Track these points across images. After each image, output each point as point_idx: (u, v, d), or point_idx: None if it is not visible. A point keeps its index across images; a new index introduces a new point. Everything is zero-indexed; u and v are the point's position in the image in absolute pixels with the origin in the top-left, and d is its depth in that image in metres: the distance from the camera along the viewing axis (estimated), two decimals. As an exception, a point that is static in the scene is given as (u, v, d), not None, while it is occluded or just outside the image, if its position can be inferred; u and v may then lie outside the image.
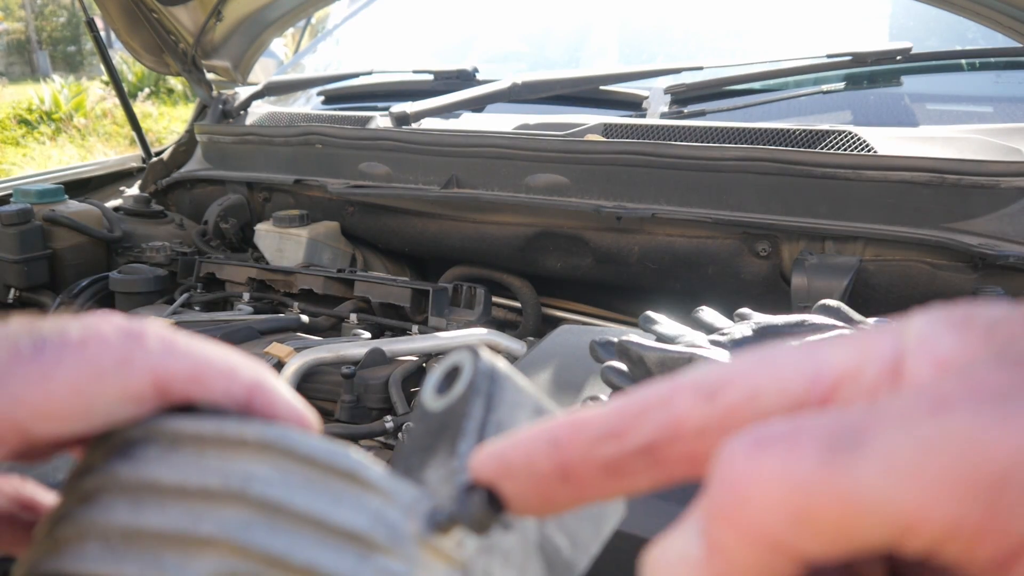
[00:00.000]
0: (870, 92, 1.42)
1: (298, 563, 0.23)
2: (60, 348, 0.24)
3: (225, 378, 0.26)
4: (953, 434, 0.15)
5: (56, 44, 10.93)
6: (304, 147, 1.59)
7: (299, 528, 0.23)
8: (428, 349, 1.15)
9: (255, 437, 0.24)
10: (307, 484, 0.24)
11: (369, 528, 0.24)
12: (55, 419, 0.24)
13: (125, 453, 0.25)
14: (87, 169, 1.94)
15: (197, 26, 1.73)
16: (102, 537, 0.23)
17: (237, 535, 0.23)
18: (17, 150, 6.60)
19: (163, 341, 0.26)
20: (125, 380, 0.25)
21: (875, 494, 0.15)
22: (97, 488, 0.24)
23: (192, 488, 0.23)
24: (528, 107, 1.57)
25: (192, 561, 0.22)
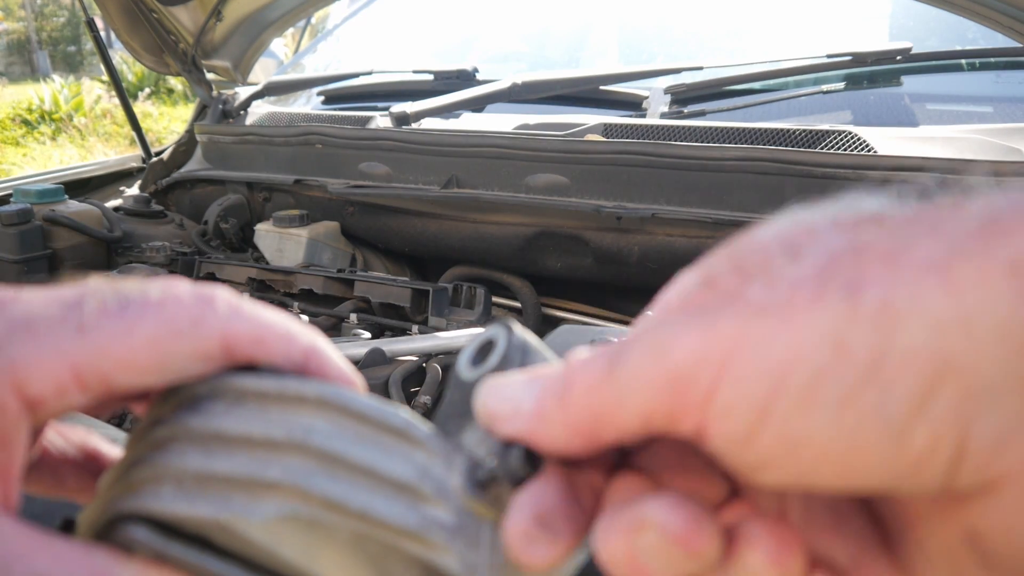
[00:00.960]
0: (870, 92, 1.42)
1: (354, 508, 0.25)
2: (142, 306, 0.26)
3: (284, 341, 0.29)
4: (659, 343, 0.21)
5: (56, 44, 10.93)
6: (304, 147, 1.59)
7: (355, 477, 0.25)
8: (428, 349, 1.15)
9: (314, 394, 0.27)
10: (361, 438, 0.26)
11: (418, 480, 0.26)
12: (135, 371, 0.26)
13: (194, 407, 0.27)
14: (87, 169, 1.94)
15: (197, 26, 1.73)
16: (176, 480, 0.25)
17: (300, 481, 0.25)
18: (17, 150, 6.60)
19: (231, 305, 0.28)
20: (197, 339, 0.27)
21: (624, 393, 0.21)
22: (169, 437, 0.27)
23: (257, 438, 0.26)
24: (528, 107, 1.57)
25: (259, 503, 0.25)
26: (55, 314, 0.26)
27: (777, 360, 0.19)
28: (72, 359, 0.25)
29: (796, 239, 0.21)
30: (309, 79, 1.98)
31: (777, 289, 0.20)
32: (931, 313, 0.18)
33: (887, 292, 0.18)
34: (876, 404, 0.18)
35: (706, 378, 0.19)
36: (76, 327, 0.25)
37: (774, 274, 0.20)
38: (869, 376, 0.18)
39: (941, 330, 0.17)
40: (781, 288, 0.19)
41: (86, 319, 0.26)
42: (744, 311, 0.20)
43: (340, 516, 0.25)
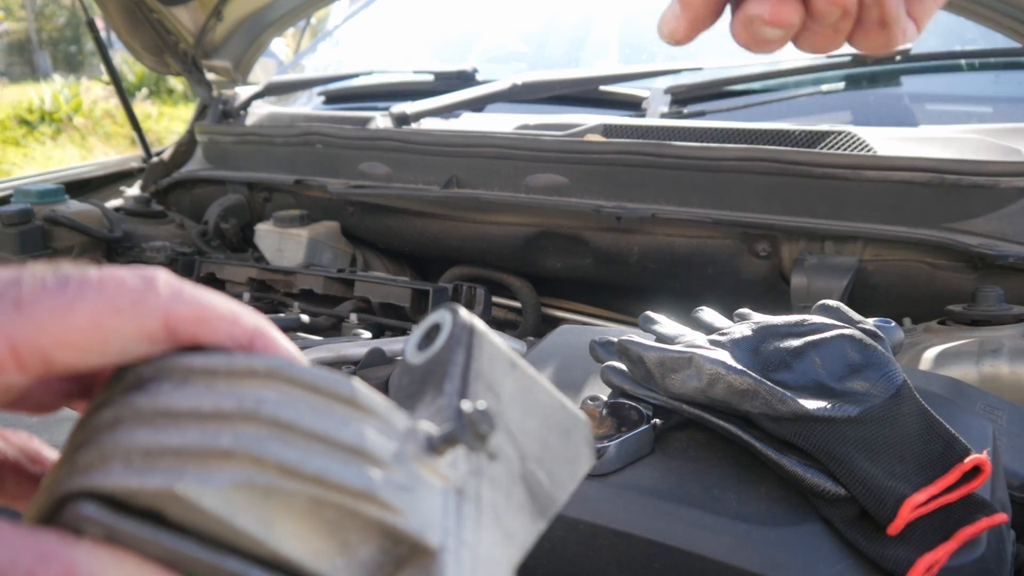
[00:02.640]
0: (870, 92, 1.42)
1: (310, 473, 0.24)
2: (82, 284, 0.26)
3: (228, 322, 0.28)
4: None
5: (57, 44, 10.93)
6: (304, 147, 1.59)
7: (309, 444, 0.25)
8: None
9: (264, 366, 0.26)
10: (313, 408, 0.26)
11: (372, 446, 0.26)
12: (75, 349, 0.26)
13: (140, 387, 0.27)
14: (88, 169, 1.94)
15: (197, 26, 1.73)
16: (125, 457, 0.25)
17: (253, 447, 0.24)
18: (18, 150, 6.60)
19: (172, 286, 0.28)
20: (138, 318, 0.26)
21: None
22: (115, 419, 0.26)
23: (207, 411, 0.25)
24: (528, 107, 1.57)
25: (212, 471, 0.24)
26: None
27: None
28: (8, 333, 0.24)
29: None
30: (309, 79, 1.98)
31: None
32: None
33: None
34: None
35: None
36: (13, 302, 0.25)
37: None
38: None
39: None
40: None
41: (24, 295, 0.25)
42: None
43: (296, 481, 0.24)
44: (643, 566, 0.55)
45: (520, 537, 0.29)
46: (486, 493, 0.28)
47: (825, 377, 0.61)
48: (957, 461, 0.55)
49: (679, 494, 0.57)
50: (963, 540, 0.53)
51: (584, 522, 0.57)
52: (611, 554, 0.56)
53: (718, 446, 0.62)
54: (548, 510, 0.31)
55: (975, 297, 1.03)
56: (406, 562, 0.26)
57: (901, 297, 1.14)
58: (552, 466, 0.31)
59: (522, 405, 0.31)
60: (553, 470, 0.31)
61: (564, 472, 0.32)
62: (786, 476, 0.57)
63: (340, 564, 0.25)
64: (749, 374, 0.59)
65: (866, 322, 0.72)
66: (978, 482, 0.55)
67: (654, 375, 0.65)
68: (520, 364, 0.32)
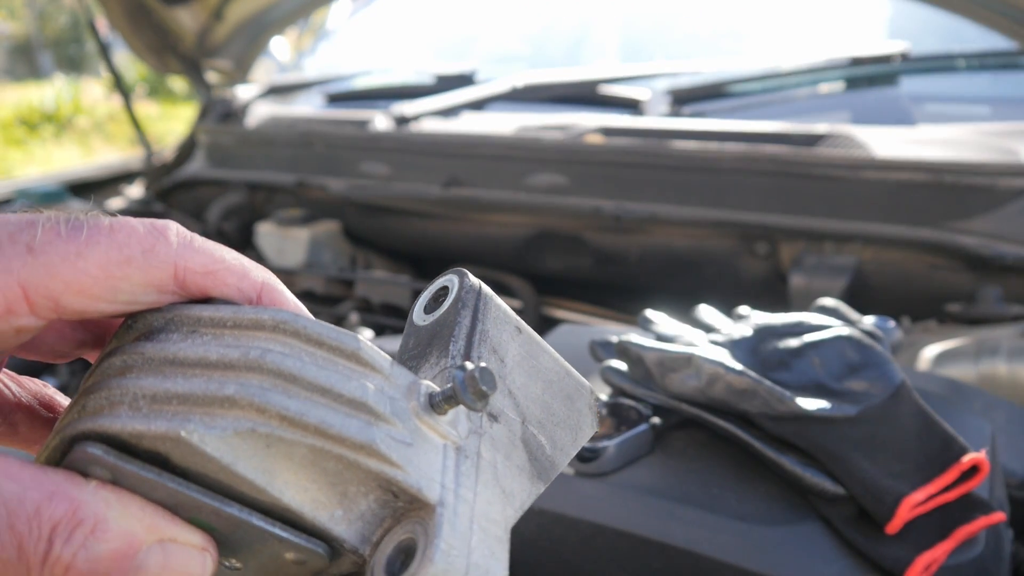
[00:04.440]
0: (868, 93, 1.42)
1: (312, 423, 0.25)
2: (94, 231, 0.26)
3: (237, 275, 0.29)
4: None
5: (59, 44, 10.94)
6: (305, 148, 1.59)
7: (311, 395, 0.25)
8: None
9: (271, 319, 0.27)
10: (317, 361, 0.26)
11: (375, 400, 0.26)
12: (85, 295, 0.26)
13: (150, 335, 0.27)
14: (89, 170, 1.95)
15: (198, 26, 1.74)
16: (132, 402, 0.25)
17: (256, 396, 0.25)
18: (20, 151, 6.61)
19: (183, 237, 0.28)
20: (149, 267, 0.27)
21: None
22: (124, 365, 0.27)
23: (213, 360, 0.26)
24: (528, 107, 1.57)
25: (216, 418, 0.25)
26: (5, 234, 0.25)
27: None
28: (20, 277, 0.25)
29: None
30: (310, 80, 1.98)
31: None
32: None
33: None
34: None
35: None
36: (25, 246, 0.25)
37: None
38: None
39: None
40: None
41: (37, 240, 0.25)
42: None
43: (298, 431, 0.25)
44: (643, 565, 0.55)
45: (518, 498, 0.29)
46: (486, 452, 0.29)
47: (824, 377, 0.61)
48: (955, 460, 0.56)
49: (679, 493, 0.58)
50: (961, 539, 0.53)
51: (584, 521, 0.57)
52: (611, 553, 0.57)
53: (718, 446, 0.63)
54: (548, 473, 0.31)
55: (973, 297, 1.03)
56: (404, 516, 0.26)
57: (900, 297, 1.15)
58: (554, 431, 0.32)
59: (526, 369, 0.32)
60: (555, 435, 0.32)
61: (566, 437, 0.32)
62: (785, 475, 0.57)
63: (339, 515, 0.26)
64: (748, 374, 0.59)
65: (865, 322, 0.72)
66: (976, 481, 0.55)
67: (653, 375, 0.65)
68: (526, 329, 0.32)
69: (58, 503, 0.23)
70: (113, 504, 0.24)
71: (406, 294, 1.29)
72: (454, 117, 1.59)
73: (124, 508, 0.24)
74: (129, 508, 0.24)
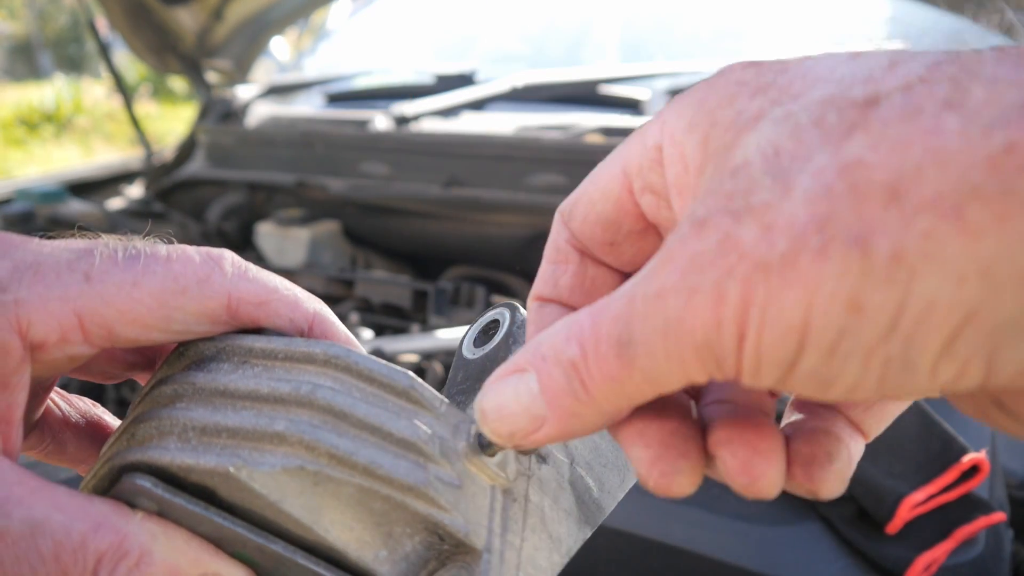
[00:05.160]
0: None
1: (361, 462, 0.25)
2: (151, 260, 0.26)
3: (289, 306, 0.29)
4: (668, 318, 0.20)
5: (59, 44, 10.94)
6: (305, 148, 1.59)
7: (361, 433, 0.25)
8: (428, 348, 1.15)
9: (322, 353, 0.26)
10: (367, 397, 0.26)
11: (424, 440, 0.26)
12: (138, 324, 0.26)
13: (201, 365, 0.27)
14: (89, 170, 1.95)
15: (199, 27, 1.74)
16: (181, 433, 0.25)
17: (306, 433, 0.24)
18: (20, 151, 6.61)
19: (238, 267, 0.28)
20: (202, 297, 0.27)
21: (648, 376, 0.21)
22: (174, 394, 0.26)
23: (264, 394, 0.26)
24: (528, 107, 1.57)
25: (265, 455, 0.24)
26: (63, 260, 0.25)
27: (792, 323, 0.18)
28: (76, 305, 0.25)
29: (780, 155, 0.19)
30: (310, 80, 1.98)
31: (775, 238, 0.18)
32: (948, 263, 0.16)
33: (897, 242, 0.17)
34: (900, 355, 0.17)
35: (727, 347, 0.19)
36: (83, 275, 0.25)
37: (765, 212, 0.18)
38: (889, 332, 0.17)
39: (960, 281, 0.16)
40: (779, 237, 0.18)
41: (94, 268, 0.25)
42: (746, 268, 0.18)
43: (346, 470, 0.25)
44: (642, 564, 0.55)
45: (565, 543, 0.28)
46: (534, 496, 0.28)
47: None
48: (955, 460, 0.56)
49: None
50: (961, 539, 0.53)
51: (584, 521, 0.57)
52: (611, 552, 0.57)
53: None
54: (595, 517, 0.30)
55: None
56: (449, 559, 0.26)
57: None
58: (602, 472, 0.31)
59: None
60: (602, 476, 0.31)
61: (614, 479, 0.32)
62: (785, 475, 0.57)
63: (383, 556, 0.26)
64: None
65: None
66: (976, 481, 0.55)
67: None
68: None
69: (104, 534, 0.23)
70: (159, 536, 0.24)
71: (406, 294, 1.29)
72: (454, 117, 1.59)
73: (169, 541, 0.24)
74: (174, 541, 0.24)
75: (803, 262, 0.18)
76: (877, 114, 0.18)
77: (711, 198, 0.20)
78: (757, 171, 0.19)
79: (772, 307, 0.18)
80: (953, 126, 0.17)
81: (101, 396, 1.21)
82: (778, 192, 0.18)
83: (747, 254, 0.18)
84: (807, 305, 0.18)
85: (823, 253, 0.17)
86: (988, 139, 0.16)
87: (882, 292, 0.17)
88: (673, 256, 0.20)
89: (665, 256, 0.20)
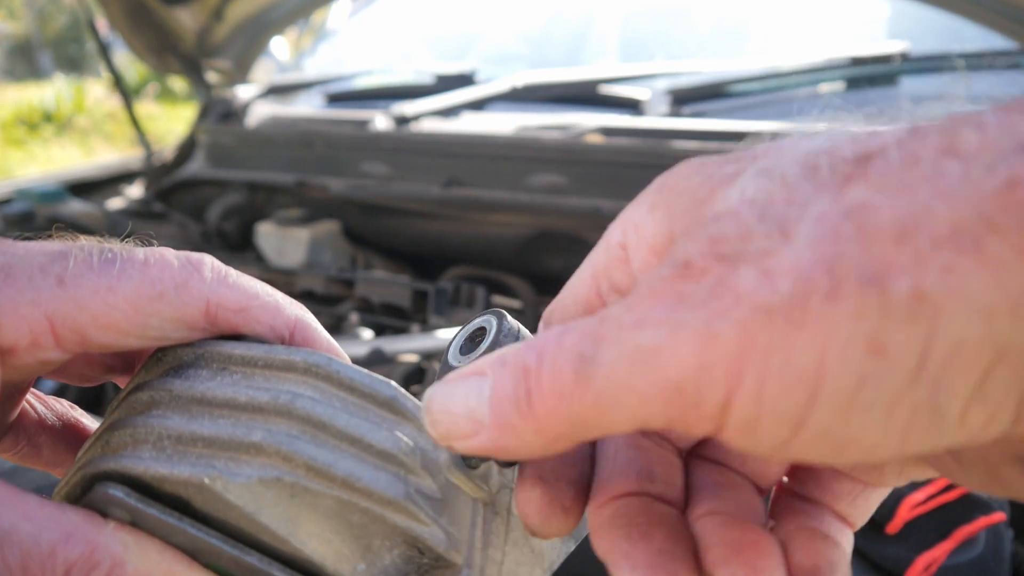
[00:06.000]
0: (868, 93, 1.42)
1: (339, 475, 0.24)
2: (127, 264, 0.26)
3: (270, 312, 0.28)
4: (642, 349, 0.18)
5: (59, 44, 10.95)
6: (305, 148, 1.59)
7: (341, 445, 0.25)
8: (428, 348, 1.15)
9: (303, 361, 0.26)
10: (349, 407, 0.25)
11: (405, 452, 0.25)
12: (113, 330, 0.25)
13: (178, 372, 0.26)
14: (89, 170, 1.95)
15: (199, 27, 1.74)
16: (156, 442, 0.25)
17: (284, 444, 0.24)
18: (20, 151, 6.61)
19: (217, 272, 0.27)
20: (180, 303, 0.26)
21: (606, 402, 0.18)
22: (150, 401, 0.26)
23: (242, 403, 0.25)
24: (528, 107, 1.57)
25: (241, 465, 0.24)
26: (36, 263, 0.25)
27: (803, 371, 0.16)
28: (48, 310, 0.24)
29: (773, 204, 0.18)
30: (310, 80, 1.98)
31: (778, 282, 0.17)
32: (973, 299, 0.15)
33: (917, 280, 0.16)
34: (927, 401, 0.16)
35: (714, 393, 0.17)
36: (56, 278, 0.25)
37: (764, 258, 0.17)
38: (916, 376, 0.16)
39: (989, 316, 0.15)
40: (782, 281, 0.17)
41: (68, 272, 0.25)
42: (743, 311, 0.17)
43: (324, 483, 0.24)
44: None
45: (548, 557, 0.28)
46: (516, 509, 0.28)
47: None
48: (955, 460, 0.55)
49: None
50: (961, 539, 0.53)
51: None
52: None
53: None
54: (579, 531, 0.29)
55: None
56: (429, 573, 0.26)
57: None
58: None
59: None
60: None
61: None
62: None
63: (361, 569, 0.25)
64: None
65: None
66: (976, 481, 0.55)
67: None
68: None
69: (74, 544, 0.23)
70: (131, 547, 0.24)
71: (406, 294, 1.29)
72: (454, 117, 1.59)
73: (142, 552, 0.24)
74: (147, 552, 0.24)
75: (813, 304, 0.16)
76: (874, 167, 0.17)
77: (691, 243, 0.19)
78: (748, 218, 0.18)
79: (777, 353, 0.16)
80: (955, 169, 0.16)
81: (100, 397, 1.21)
82: (776, 239, 0.17)
83: (745, 296, 0.17)
84: (821, 350, 0.16)
85: (835, 294, 0.16)
86: (994, 176, 0.16)
87: (905, 331, 0.16)
88: (656, 292, 0.18)
89: (646, 291, 0.19)
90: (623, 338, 0.18)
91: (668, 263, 0.19)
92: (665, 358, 0.17)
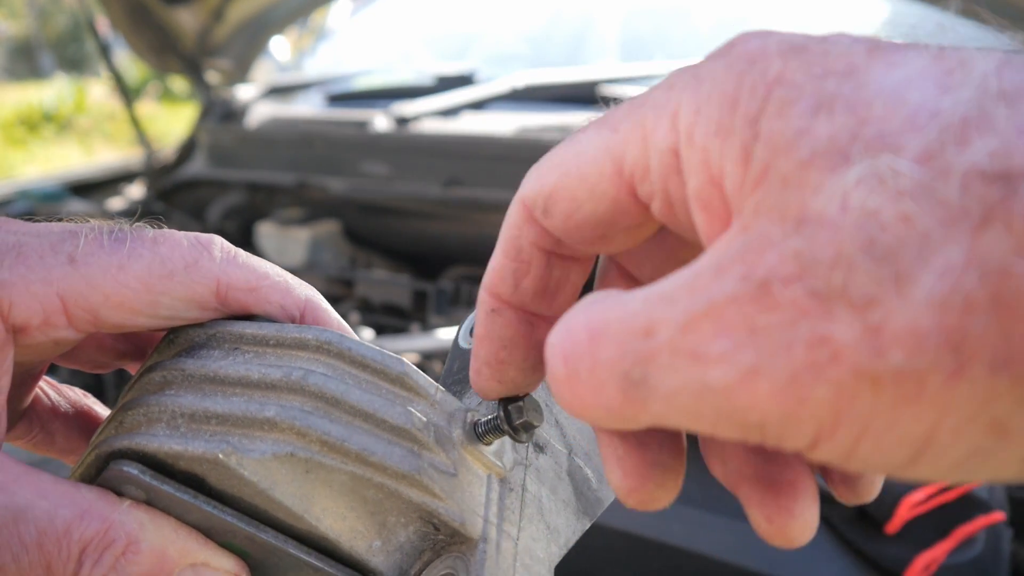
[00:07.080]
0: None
1: (353, 449, 0.24)
2: (138, 243, 0.26)
3: (280, 292, 0.28)
4: (715, 393, 0.16)
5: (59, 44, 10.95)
6: (305, 148, 1.59)
7: (354, 420, 0.25)
8: (428, 348, 1.15)
9: (314, 339, 0.26)
10: (361, 384, 0.25)
11: (418, 427, 0.25)
12: (124, 309, 0.25)
13: (191, 351, 0.27)
14: (90, 171, 1.95)
15: (199, 27, 1.74)
16: (171, 420, 0.25)
17: (297, 420, 0.24)
18: (20, 151, 6.61)
19: (227, 252, 0.27)
20: (190, 282, 0.26)
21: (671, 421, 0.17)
22: (164, 381, 0.26)
23: (254, 380, 0.25)
24: (528, 107, 1.57)
25: (255, 441, 0.24)
26: (47, 242, 0.25)
27: (908, 438, 0.15)
28: (60, 288, 0.24)
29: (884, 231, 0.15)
30: (310, 80, 1.98)
31: (888, 348, 0.14)
32: None
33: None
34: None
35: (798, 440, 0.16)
36: (67, 257, 0.25)
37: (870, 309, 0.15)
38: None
39: None
40: (894, 349, 0.14)
41: (79, 250, 0.25)
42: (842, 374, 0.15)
43: (338, 457, 0.24)
44: (642, 564, 0.55)
45: (564, 534, 0.28)
46: (531, 485, 0.28)
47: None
48: (954, 460, 0.56)
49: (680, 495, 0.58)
50: (960, 538, 0.53)
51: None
52: (610, 552, 0.57)
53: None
54: (594, 509, 0.30)
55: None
56: (444, 549, 0.26)
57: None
58: (600, 463, 0.31)
59: None
60: (601, 467, 0.30)
61: None
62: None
63: (377, 546, 0.25)
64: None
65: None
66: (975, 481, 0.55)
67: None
68: None
69: (89, 522, 0.23)
70: (146, 525, 0.24)
71: (406, 294, 1.29)
72: (454, 117, 1.59)
73: (157, 529, 0.24)
74: (162, 530, 0.24)
75: (933, 383, 0.14)
76: (1017, 203, 0.14)
77: (771, 252, 0.16)
78: (849, 245, 0.15)
79: (880, 419, 0.15)
80: None
81: (104, 392, 1.21)
82: (888, 287, 0.14)
83: (844, 356, 0.15)
84: (933, 424, 0.15)
85: (960, 375, 0.14)
86: None
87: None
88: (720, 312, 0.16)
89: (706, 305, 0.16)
90: (681, 368, 0.16)
91: (736, 270, 0.16)
92: (741, 401, 0.16)
